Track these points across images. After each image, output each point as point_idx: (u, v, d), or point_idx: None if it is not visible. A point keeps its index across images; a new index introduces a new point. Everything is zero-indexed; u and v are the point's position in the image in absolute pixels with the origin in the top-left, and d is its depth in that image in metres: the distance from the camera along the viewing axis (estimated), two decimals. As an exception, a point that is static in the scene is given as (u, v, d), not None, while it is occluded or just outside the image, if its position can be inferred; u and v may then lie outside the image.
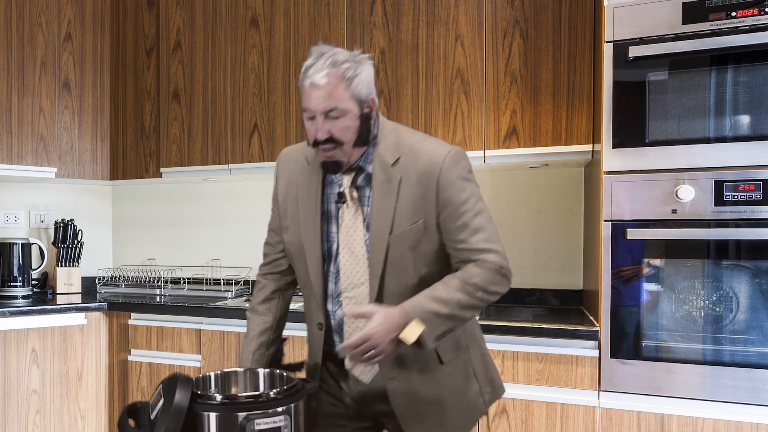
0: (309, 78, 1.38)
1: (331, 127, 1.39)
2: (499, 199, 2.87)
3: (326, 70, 1.37)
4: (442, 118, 2.60)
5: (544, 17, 2.45)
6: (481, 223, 1.44)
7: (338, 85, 1.38)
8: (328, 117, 1.39)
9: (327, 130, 1.39)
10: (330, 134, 1.39)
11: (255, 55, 2.96)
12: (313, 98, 1.38)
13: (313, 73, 1.37)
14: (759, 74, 1.90)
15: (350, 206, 1.48)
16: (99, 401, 3.02)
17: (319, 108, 1.38)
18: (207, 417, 1.18)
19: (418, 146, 1.45)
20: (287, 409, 1.21)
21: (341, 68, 1.38)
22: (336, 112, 1.38)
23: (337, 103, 1.38)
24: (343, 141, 1.41)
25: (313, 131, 1.41)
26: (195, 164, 3.11)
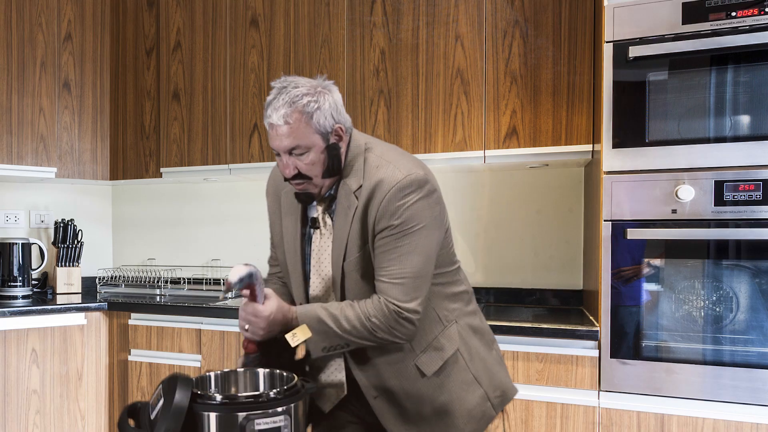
0: (268, 118, 1.38)
1: (297, 163, 1.40)
2: (499, 199, 2.87)
3: (284, 110, 1.35)
4: (442, 118, 2.60)
5: (544, 17, 2.45)
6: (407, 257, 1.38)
7: (298, 122, 1.36)
8: (293, 154, 1.40)
9: (294, 166, 1.40)
10: (297, 170, 1.40)
11: (255, 55, 2.96)
12: (274, 138, 1.39)
13: (271, 113, 1.37)
14: (759, 74, 1.90)
15: (323, 232, 1.49)
16: (99, 401, 3.02)
17: (281, 147, 1.39)
18: (207, 417, 1.18)
19: (376, 171, 1.41)
20: (287, 409, 1.21)
21: (299, 104, 1.35)
22: (299, 150, 1.38)
23: (298, 141, 1.37)
24: (310, 176, 1.41)
25: (281, 168, 1.43)
26: (195, 164, 3.11)
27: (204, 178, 3.19)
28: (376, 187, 1.40)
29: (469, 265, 2.91)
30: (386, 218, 1.38)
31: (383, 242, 1.39)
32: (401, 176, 1.38)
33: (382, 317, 1.37)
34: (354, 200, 1.42)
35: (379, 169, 1.41)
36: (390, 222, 1.38)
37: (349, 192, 1.43)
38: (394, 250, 1.38)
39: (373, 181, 1.40)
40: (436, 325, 1.50)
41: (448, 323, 1.52)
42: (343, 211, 1.44)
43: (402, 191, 1.37)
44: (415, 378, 1.48)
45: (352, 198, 1.42)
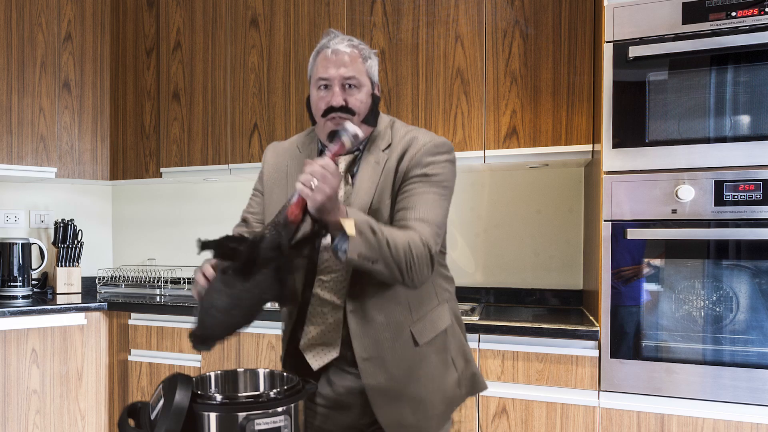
0: (330, 47, 1.44)
1: (347, 97, 1.44)
2: (499, 199, 2.87)
3: (347, 43, 1.45)
4: (442, 118, 2.60)
5: (544, 17, 2.45)
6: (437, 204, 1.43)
7: (358, 57, 1.46)
8: (345, 86, 1.44)
9: (343, 98, 1.43)
10: (346, 102, 1.43)
11: (255, 55, 2.96)
12: (333, 65, 1.43)
13: (335, 44, 1.45)
14: (759, 74, 1.90)
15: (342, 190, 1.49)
16: (99, 401, 3.02)
17: (338, 74, 1.43)
18: (207, 417, 1.18)
19: (408, 135, 1.50)
20: (287, 409, 1.21)
21: (359, 47, 1.48)
22: (354, 81, 1.44)
23: (356, 72, 1.44)
24: (356, 111, 1.44)
25: (327, 99, 1.44)
26: (195, 164, 3.11)
27: (204, 178, 3.19)
28: (410, 143, 1.47)
29: (469, 265, 2.91)
30: (420, 167, 1.44)
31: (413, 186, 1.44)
32: (433, 136, 1.49)
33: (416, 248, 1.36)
34: (383, 155, 1.47)
35: (410, 132, 1.51)
36: (423, 170, 1.44)
37: (377, 150, 1.49)
38: (424, 194, 1.43)
39: (406, 139, 1.48)
40: (432, 299, 1.54)
41: (441, 302, 1.56)
42: (371, 165, 1.47)
43: (436, 147, 1.47)
44: (407, 344, 1.48)
45: (381, 154, 1.48)
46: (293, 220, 1.27)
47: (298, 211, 1.28)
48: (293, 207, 1.27)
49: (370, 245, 1.31)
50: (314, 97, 1.48)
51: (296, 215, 1.28)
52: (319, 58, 1.48)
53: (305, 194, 1.25)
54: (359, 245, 1.30)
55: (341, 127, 1.36)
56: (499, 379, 2.23)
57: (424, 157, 1.45)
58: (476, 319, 2.28)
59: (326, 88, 1.45)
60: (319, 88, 1.46)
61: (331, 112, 1.44)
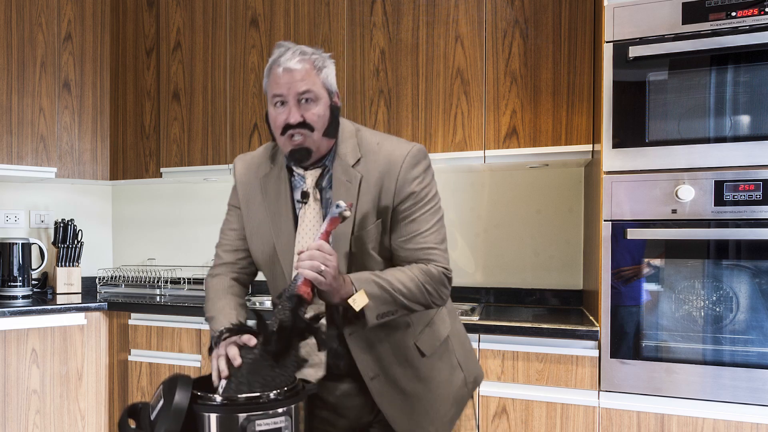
0: (281, 65, 1.39)
1: (303, 112, 1.39)
2: (499, 199, 2.87)
3: (299, 57, 1.39)
4: (442, 118, 2.60)
5: (544, 17, 2.45)
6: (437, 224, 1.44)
7: (311, 71, 1.40)
8: (301, 101, 1.39)
9: (300, 113, 1.38)
10: (303, 118, 1.38)
11: (255, 55, 2.96)
12: (285, 82, 1.38)
13: (285, 60, 1.39)
14: (759, 74, 1.90)
15: (312, 206, 1.46)
16: (99, 401, 3.02)
17: (292, 91, 1.38)
18: (207, 418, 1.18)
19: (378, 147, 1.45)
20: (288, 410, 1.21)
21: (311, 57, 1.41)
22: (310, 95, 1.39)
23: (310, 86, 1.39)
24: (314, 127, 1.39)
25: (284, 116, 1.39)
26: (195, 164, 3.11)
27: (204, 178, 3.19)
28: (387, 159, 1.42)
29: (469, 265, 2.91)
30: (407, 186, 1.41)
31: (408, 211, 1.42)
32: (409, 147, 1.44)
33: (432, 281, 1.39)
34: (355, 173, 1.43)
35: (381, 145, 1.45)
36: (412, 189, 1.42)
37: (346, 166, 1.43)
38: (421, 217, 1.42)
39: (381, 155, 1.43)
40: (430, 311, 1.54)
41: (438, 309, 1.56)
42: (342, 185, 1.43)
43: (415, 158, 1.43)
44: (414, 357, 1.49)
45: (352, 171, 1.43)
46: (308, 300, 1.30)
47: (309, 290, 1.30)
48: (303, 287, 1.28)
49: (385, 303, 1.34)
50: (271, 114, 1.43)
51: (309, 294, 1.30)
52: (271, 74, 1.42)
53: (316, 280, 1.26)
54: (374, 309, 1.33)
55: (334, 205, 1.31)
56: (499, 379, 2.23)
57: (407, 174, 1.41)
58: (476, 319, 2.28)
59: (282, 104, 1.40)
60: (275, 105, 1.41)
61: (289, 129, 1.39)
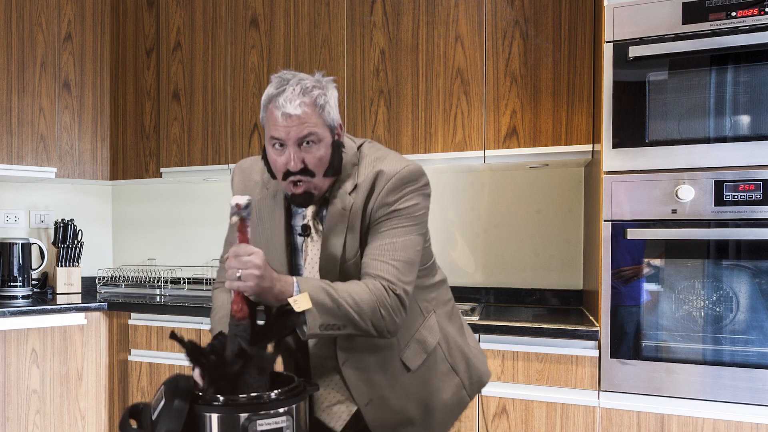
0: (279, 108, 1.30)
1: (305, 157, 1.32)
2: (499, 199, 2.87)
3: (299, 99, 1.30)
4: (442, 118, 2.60)
5: (544, 17, 2.45)
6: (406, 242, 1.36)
7: (312, 112, 1.31)
8: (302, 146, 1.32)
9: (301, 159, 1.31)
10: (304, 164, 1.32)
11: (255, 55, 2.96)
12: (284, 127, 1.30)
13: (284, 103, 1.29)
14: (759, 74, 1.90)
15: (315, 239, 1.42)
16: (99, 401, 3.02)
17: (291, 136, 1.30)
18: (209, 418, 1.18)
19: (372, 168, 1.39)
20: (289, 410, 1.21)
21: (312, 95, 1.31)
22: (311, 138, 1.31)
23: (312, 129, 1.31)
24: (316, 173, 1.33)
25: (283, 161, 1.32)
26: (195, 164, 3.11)
27: (204, 178, 3.19)
28: (375, 179, 1.37)
29: (469, 265, 2.91)
30: (386, 206, 1.36)
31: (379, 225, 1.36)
32: (400, 167, 1.38)
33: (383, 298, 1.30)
34: (349, 200, 1.38)
35: (375, 164, 1.40)
36: (389, 208, 1.36)
37: (344, 194, 1.39)
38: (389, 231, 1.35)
39: (371, 176, 1.38)
40: (418, 318, 1.50)
41: (428, 314, 1.52)
42: (338, 213, 1.38)
43: (402, 180, 1.37)
44: (401, 374, 1.46)
45: (347, 198, 1.38)
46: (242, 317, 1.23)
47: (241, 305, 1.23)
48: (234, 305, 1.23)
49: (331, 313, 1.25)
50: (270, 155, 1.35)
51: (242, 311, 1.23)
52: (268, 113, 1.33)
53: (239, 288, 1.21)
54: (318, 317, 1.24)
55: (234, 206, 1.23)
56: (499, 379, 2.23)
57: (387, 197, 1.36)
58: (476, 319, 2.28)
59: (282, 146, 1.32)
60: (273, 146, 1.33)
61: (290, 175, 1.32)
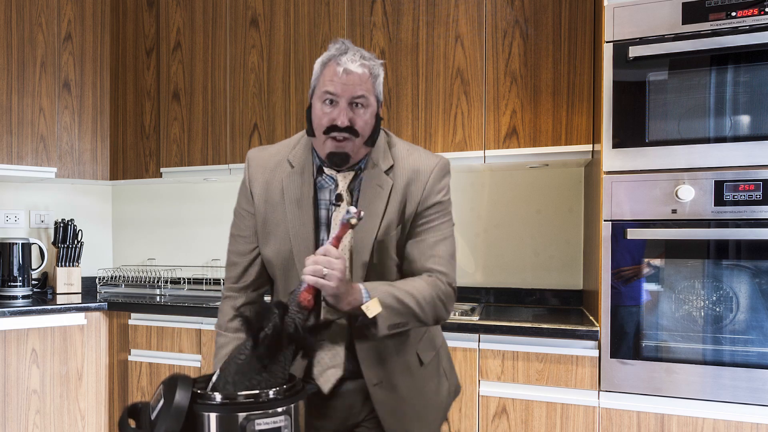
0: (342, 64, 1.35)
1: (353, 116, 1.37)
2: (499, 199, 2.87)
3: (360, 61, 1.37)
4: (442, 118, 2.60)
5: (544, 17, 2.45)
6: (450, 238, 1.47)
7: (368, 78, 1.38)
8: (352, 105, 1.37)
9: (349, 117, 1.36)
10: (351, 123, 1.36)
11: (255, 55, 2.96)
12: (342, 83, 1.35)
13: (346, 61, 1.36)
14: (759, 74, 1.90)
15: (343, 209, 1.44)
16: (99, 401, 3.02)
17: (347, 93, 1.36)
18: (207, 417, 1.18)
19: (407, 155, 1.46)
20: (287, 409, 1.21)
21: (370, 64, 1.39)
22: (363, 101, 1.37)
23: (365, 92, 1.37)
24: (360, 133, 1.38)
25: (332, 116, 1.36)
26: (195, 164, 3.11)
27: (204, 178, 3.19)
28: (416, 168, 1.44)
29: (469, 265, 2.91)
30: (433, 196, 1.44)
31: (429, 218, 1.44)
32: (437, 159, 1.47)
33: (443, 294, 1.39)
34: (387, 179, 1.43)
35: (410, 153, 1.47)
36: (437, 199, 1.44)
37: (379, 171, 1.43)
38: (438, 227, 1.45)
39: (410, 163, 1.45)
40: None
41: None
42: (373, 189, 1.42)
43: (442, 171, 1.46)
44: (416, 366, 1.50)
45: (384, 177, 1.43)
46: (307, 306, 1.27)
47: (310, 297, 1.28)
48: (305, 294, 1.27)
49: (398, 313, 1.33)
50: (317, 111, 1.39)
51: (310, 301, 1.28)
52: (327, 70, 1.38)
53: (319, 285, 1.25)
54: (387, 319, 1.31)
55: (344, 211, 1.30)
56: (499, 379, 2.23)
57: (435, 185, 1.44)
58: (476, 319, 2.28)
59: (332, 103, 1.37)
60: (324, 102, 1.37)
61: (335, 130, 1.36)
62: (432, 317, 1.39)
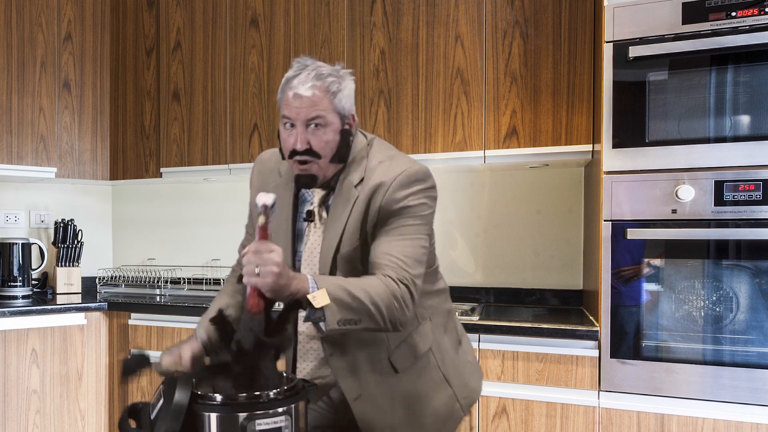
0: (293, 89, 1.36)
1: (311, 138, 1.36)
2: (499, 199, 2.87)
3: (311, 83, 1.35)
4: (442, 118, 2.60)
5: (544, 17, 2.45)
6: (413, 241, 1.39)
7: (323, 97, 1.36)
8: (309, 127, 1.36)
9: (306, 140, 1.36)
10: (309, 145, 1.36)
11: (255, 55, 2.96)
12: (295, 107, 1.35)
13: (297, 84, 1.35)
14: (759, 74, 1.90)
15: (317, 226, 1.46)
16: (99, 401, 3.02)
17: (300, 117, 1.35)
18: (207, 417, 1.18)
19: (380, 166, 1.43)
20: (288, 409, 1.21)
21: (326, 81, 1.36)
22: (319, 120, 1.36)
23: (320, 112, 1.36)
24: (321, 155, 1.37)
25: (291, 141, 1.37)
26: (195, 164, 3.11)
27: (204, 178, 3.19)
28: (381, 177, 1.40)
29: (469, 265, 2.91)
30: (395, 203, 1.38)
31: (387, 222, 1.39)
32: (405, 167, 1.41)
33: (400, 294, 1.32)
34: (354, 192, 1.41)
35: (382, 162, 1.43)
36: (398, 204, 1.38)
37: (350, 186, 1.42)
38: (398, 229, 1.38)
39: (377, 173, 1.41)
40: (411, 322, 1.49)
41: (423, 320, 1.52)
42: (341, 203, 1.42)
43: (410, 178, 1.39)
44: (389, 374, 1.47)
45: (353, 191, 1.41)
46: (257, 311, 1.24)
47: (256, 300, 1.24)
48: (250, 299, 1.24)
49: (348, 308, 1.27)
50: (281, 134, 1.41)
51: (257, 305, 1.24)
52: (283, 95, 1.39)
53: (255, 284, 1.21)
54: (337, 312, 1.26)
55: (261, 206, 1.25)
56: (499, 379, 2.23)
57: (395, 193, 1.38)
58: (476, 319, 2.28)
59: (291, 126, 1.38)
60: (284, 126, 1.39)
61: (296, 155, 1.37)
62: (389, 317, 1.31)
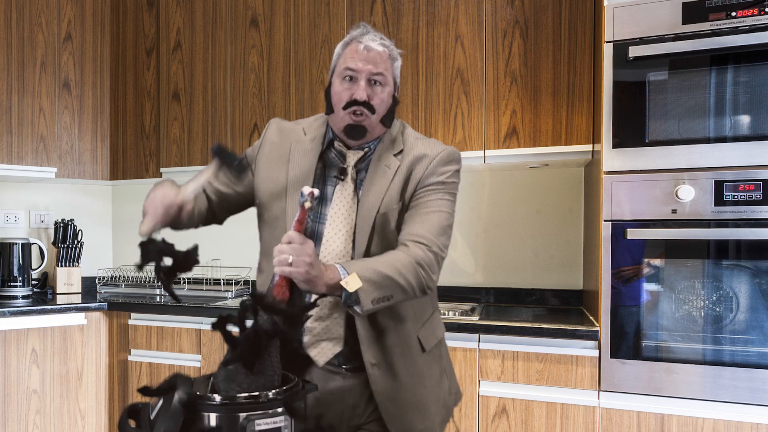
0: (363, 42, 1.43)
1: (371, 93, 1.44)
2: (499, 199, 2.87)
3: (380, 41, 1.45)
4: (442, 118, 2.60)
5: (544, 17, 2.45)
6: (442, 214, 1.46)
7: (387, 57, 1.46)
8: (371, 82, 1.44)
9: (368, 94, 1.43)
10: (369, 98, 1.43)
11: (255, 55, 2.96)
12: (362, 59, 1.42)
13: (368, 40, 1.44)
14: (759, 74, 1.90)
15: (347, 184, 1.48)
16: (99, 401, 3.02)
17: (366, 69, 1.42)
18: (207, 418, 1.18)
19: (416, 142, 1.52)
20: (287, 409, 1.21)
21: (389, 47, 1.47)
22: (381, 78, 1.44)
23: (383, 70, 1.44)
24: (377, 110, 1.44)
25: (351, 91, 1.43)
26: (195, 164, 3.11)
27: (204, 178, 3.19)
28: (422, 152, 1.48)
29: (469, 265, 2.91)
30: (434, 176, 1.47)
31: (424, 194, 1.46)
32: (445, 147, 1.52)
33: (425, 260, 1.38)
34: (395, 161, 1.48)
35: (419, 140, 1.52)
36: (438, 179, 1.47)
37: (389, 153, 1.49)
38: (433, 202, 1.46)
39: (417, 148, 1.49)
40: (428, 306, 1.56)
41: (435, 309, 1.60)
42: (380, 168, 1.47)
43: (449, 157, 1.50)
44: (415, 351, 1.50)
45: (393, 159, 1.48)
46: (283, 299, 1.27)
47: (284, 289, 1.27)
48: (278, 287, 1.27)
49: (380, 286, 1.32)
50: (337, 88, 1.45)
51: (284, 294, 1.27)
52: (348, 49, 1.46)
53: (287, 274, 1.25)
54: (370, 292, 1.31)
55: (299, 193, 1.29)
56: (499, 379, 2.23)
57: (438, 167, 1.47)
58: (476, 319, 2.28)
59: (351, 80, 1.44)
60: (344, 79, 1.44)
61: (353, 105, 1.42)
62: (417, 285, 1.37)
